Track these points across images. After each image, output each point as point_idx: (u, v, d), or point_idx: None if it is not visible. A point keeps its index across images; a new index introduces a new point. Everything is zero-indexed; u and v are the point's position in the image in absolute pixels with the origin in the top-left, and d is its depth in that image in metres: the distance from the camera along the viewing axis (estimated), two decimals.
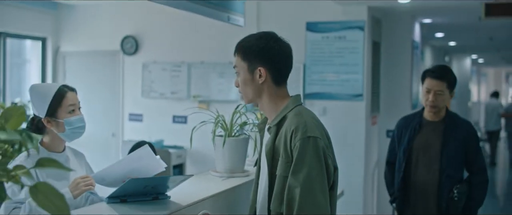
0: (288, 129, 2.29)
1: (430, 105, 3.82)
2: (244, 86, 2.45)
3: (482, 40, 10.78)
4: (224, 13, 3.72)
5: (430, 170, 3.87)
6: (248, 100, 2.49)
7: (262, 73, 2.39)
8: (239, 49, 2.47)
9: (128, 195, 2.36)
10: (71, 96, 2.85)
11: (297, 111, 2.36)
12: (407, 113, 7.62)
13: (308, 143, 2.23)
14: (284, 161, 2.27)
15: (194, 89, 7.60)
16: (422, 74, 3.91)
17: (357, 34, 6.71)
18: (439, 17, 8.27)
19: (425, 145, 3.89)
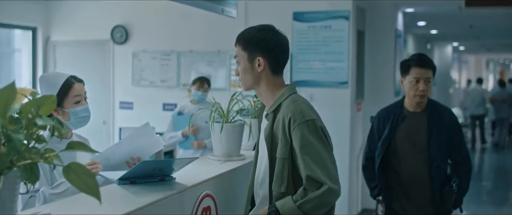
0: (286, 115, 2.50)
1: (420, 95, 3.70)
2: (244, 74, 2.65)
3: (462, 28, 11.05)
4: (218, 5, 3.90)
5: (418, 162, 3.77)
6: (247, 87, 2.69)
7: (261, 63, 2.60)
8: (240, 40, 2.65)
9: (137, 177, 2.54)
10: (78, 87, 3.03)
11: (292, 99, 2.58)
12: (391, 99, 7.90)
13: (307, 125, 2.45)
14: (283, 144, 2.49)
15: (184, 78, 7.78)
16: (403, 64, 3.79)
17: (342, 23, 6.92)
18: (421, 7, 8.51)
19: (409, 136, 3.79)
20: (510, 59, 27.56)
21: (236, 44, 2.68)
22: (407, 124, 3.80)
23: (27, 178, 1.68)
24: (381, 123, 3.89)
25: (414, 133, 3.79)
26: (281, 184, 2.49)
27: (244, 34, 2.66)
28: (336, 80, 6.95)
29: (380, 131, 3.89)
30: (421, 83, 3.68)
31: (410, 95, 3.74)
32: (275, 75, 2.65)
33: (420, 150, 3.76)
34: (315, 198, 2.39)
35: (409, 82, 3.71)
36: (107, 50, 8.27)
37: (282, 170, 2.49)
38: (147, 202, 2.22)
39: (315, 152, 2.44)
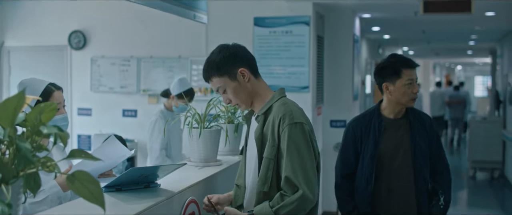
0: (276, 116, 2.55)
1: (413, 98, 3.40)
2: (236, 95, 2.65)
3: (415, 33, 11.32)
4: (190, 11, 3.91)
5: (404, 176, 3.43)
6: (247, 105, 2.71)
7: (245, 73, 2.63)
8: (211, 72, 2.65)
9: (123, 184, 2.53)
10: (57, 95, 3.00)
11: (283, 101, 2.63)
12: (349, 103, 8.05)
13: (296, 128, 2.51)
14: (271, 144, 2.54)
15: (144, 84, 7.73)
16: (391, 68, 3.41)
17: (303, 29, 7.01)
18: (377, 12, 8.68)
19: (393, 147, 3.44)
20: (455, 62, 28.32)
21: (210, 79, 2.67)
22: (389, 133, 3.45)
23: (30, 187, 1.66)
24: (358, 135, 3.48)
25: (398, 143, 3.45)
26: (264, 183, 2.55)
27: (210, 66, 2.65)
28: (298, 84, 7.02)
29: (357, 144, 3.48)
30: (415, 85, 3.40)
31: (403, 101, 3.40)
32: (257, 78, 2.71)
33: (405, 162, 3.43)
34: (291, 204, 2.45)
35: (402, 86, 3.37)
36: (64, 56, 8.14)
37: (266, 170, 2.55)
38: (140, 208, 2.22)
39: (299, 155, 2.49)
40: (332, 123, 8.01)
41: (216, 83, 2.65)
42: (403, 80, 3.37)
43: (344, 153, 3.56)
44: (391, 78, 3.40)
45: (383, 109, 3.50)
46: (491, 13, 8.39)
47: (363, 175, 3.44)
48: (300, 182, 2.45)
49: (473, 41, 13.72)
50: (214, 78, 2.64)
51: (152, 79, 7.72)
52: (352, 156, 3.51)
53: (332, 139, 7.83)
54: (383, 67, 3.46)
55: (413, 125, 3.45)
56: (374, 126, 3.44)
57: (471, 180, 11.44)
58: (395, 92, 3.40)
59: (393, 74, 3.39)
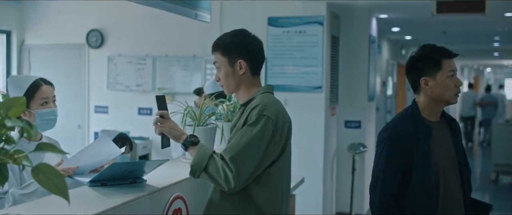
0: (250, 107, 2.63)
1: (458, 92, 2.88)
2: (226, 78, 2.75)
3: (436, 34, 11.20)
4: (192, 10, 3.94)
5: (455, 190, 2.87)
6: (230, 90, 2.81)
7: (242, 66, 2.72)
8: (218, 47, 2.76)
9: (108, 179, 2.57)
10: (46, 89, 3.05)
11: (265, 95, 2.70)
12: (365, 104, 8.01)
13: (260, 119, 2.55)
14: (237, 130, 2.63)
15: (159, 82, 7.80)
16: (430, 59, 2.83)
17: (316, 29, 7.00)
18: (394, 13, 8.63)
19: (444, 157, 2.85)
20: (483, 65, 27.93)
21: (214, 51, 2.78)
22: (436, 140, 2.84)
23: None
24: (407, 143, 2.80)
25: (447, 151, 2.89)
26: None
27: (221, 41, 2.76)
28: (311, 85, 7.01)
29: (407, 154, 2.79)
30: (457, 77, 2.87)
31: (446, 97, 2.84)
32: (254, 76, 2.78)
33: (455, 173, 2.88)
34: (222, 169, 2.50)
35: (445, 79, 2.81)
36: (82, 54, 8.26)
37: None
38: (117, 203, 2.25)
39: (247, 141, 2.52)
40: (346, 123, 7.99)
41: (216, 58, 2.77)
42: (445, 72, 2.81)
43: (392, 166, 2.80)
44: (430, 71, 2.82)
45: (422, 110, 2.88)
46: (511, 14, 8.28)
47: (420, 190, 2.75)
48: (233, 166, 2.49)
49: (497, 43, 13.52)
50: (217, 53, 2.76)
51: (167, 77, 7.79)
52: (401, 170, 2.79)
53: (346, 139, 7.81)
54: (418, 59, 2.88)
55: (451, 127, 2.96)
56: (421, 131, 2.81)
57: (493, 183, 11.29)
58: (436, 88, 2.82)
59: (433, 66, 2.82)
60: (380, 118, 10.90)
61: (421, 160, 2.76)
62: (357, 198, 7.68)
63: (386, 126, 2.93)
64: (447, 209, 2.79)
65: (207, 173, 2.54)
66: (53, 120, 3.07)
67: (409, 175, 2.76)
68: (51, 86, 3.10)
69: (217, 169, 2.51)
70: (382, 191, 2.79)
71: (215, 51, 2.77)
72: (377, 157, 2.89)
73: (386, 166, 2.81)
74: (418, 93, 2.91)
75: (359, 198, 7.90)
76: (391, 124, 2.95)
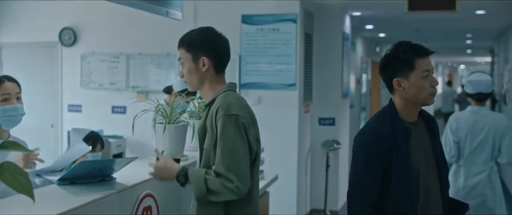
0: (214, 108, 2.63)
1: (434, 92, 2.71)
2: (189, 75, 2.77)
3: (409, 31, 11.30)
4: (163, 8, 3.94)
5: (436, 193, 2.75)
6: (193, 87, 2.82)
7: (205, 62, 2.72)
8: (183, 43, 2.78)
9: (77, 178, 2.56)
10: (8, 86, 3.03)
11: (226, 94, 2.70)
12: (338, 101, 8.06)
13: (230, 119, 2.56)
14: (210, 135, 2.61)
15: (133, 80, 7.77)
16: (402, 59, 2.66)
17: (290, 26, 7.03)
18: (368, 10, 8.68)
19: (423, 160, 2.72)
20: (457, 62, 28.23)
21: (179, 47, 2.81)
22: (415, 142, 2.69)
23: None
24: (383, 148, 2.62)
25: (425, 153, 2.75)
26: None
27: (187, 37, 2.78)
28: (284, 82, 7.04)
29: (385, 158, 2.61)
30: (433, 77, 2.70)
31: (421, 98, 2.68)
32: (217, 74, 2.78)
33: (434, 176, 2.76)
34: (221, 185, 2.49)
35: (418, 80, 2.65)
36: (55, 53, 8.19)
37: (207, 161, 2.62)
38: (85, 201, 2.25)
39: (231, 146, 2.53)
40: (320, 120, 8.03)
41: (180, 54, 2.78)
42: (419, 73, 2.64)
43: (371, 172, 2.63)
44: (403, 71, 2.67)
45: (399, 110, 2.72)
46: (482, 11, 8.39)
47: (401, 196, 2.60)
48: (232, 175, 2.49)
49: (469, 40, 13.68)
50: (181, 49, 2.78)
51: (141, 76, 7.77)
52: (380, 175, 2.62)
53: (320, 136, 7.85)
54: (391, 59, 2.71)
55: (429, 128, 2.81)
56: (400, 134, 2.64)
57: None
58: (410, 89, 2.66)
59: (405, 66, 2.65)
60: (355, 115, 10.97)
61: (400, 164, 2.60)
62: (331, 194, 7.73)
63: (363, 130, 2.75)
64: (427, 212, 2.67)
65: (213, 195, 2.53)
66: (16, 117, 3.04)
67: (388, 180, 2.60)
68: (15, 83, 3.08)
69: (218, 187, 2.50)
70: (361, 198, 2.62)
71: (180, 47, 2.79)
72: (354, 162, 2.71)
73: (365, 172, 2.64)
74: (393, 94, 2.75)
75: (333, 195, 7.95)
76: (368, 127, 2.76)
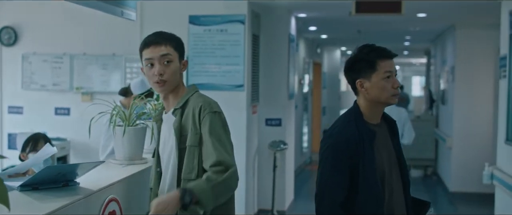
0: (195, 107, 2.69)
1: (396, 93, 2.75)
2: (174, 74, 2.74)
3: (351, 33, 11.49)
4: (118, 8, 3.87)
5: (399, 194, 2.81)
6: (171, 86, 2.77)
7: (185, 65, 2.82)
8: (171, 39, 2.76)
9: (40, 183, 2.49)
10: None
11: (198, 94, 2.80)
12: (285, 102, 8.12)
13: (215, 116, 2.67)
14: (193, 133, 2.66)
15: (77, 81, 7.61)
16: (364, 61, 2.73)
17: (238, 27, 7.02)
18: (313, 12, 8.78)
19: (387, 161, 2.78)
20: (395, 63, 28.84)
21: (166, 43, 2.73)
22: (378, 144, 2.76)
23: None
24: (350, 150, 2.68)
25: (389, 155, 2.81)
26: (191, 171, 2.65)
27: (171, 36, 2.79)
28: (232, 83, 7.03)
29: (353, 160, 2.67)
30: (395, 78, 2.75)
31: (383, 98, 2.74)
32: (181, 76, 2.86)
33: (398, 177, 2.82)
34: (224, 181, 2.57)
35: (380, 80, 2.71)
36: None
37: (192, 157, 2.66)
38: (54, 207, 2.19)
39: (222, 139, 2.65)
40: (267, 121, 8.06)
41: (168, 50, 2.72)
42: (380, 74, 2.71)
43: (339, 174, 2.68)
44: (365, 72, 2.73)
45: (364, 113, 2.78)
46: (423, 14, 8.61)
47: (368, 197, 2.66)
48: (231, 161, 2.62)
49: (408, 42, 14.02)
50: (170, 47, 2.73)
51: (86, 77, 7.61)
52: (348, 176, 2.68)
53: (267, 137, 7.88)
54: (354, 61, 2.78)
55: (391, 130, 2.88)
56: (365, 136, 2.70)
57: None
58: (372, 89, 2.72)
59: (367, 67, 2.72)
60: (298, 115, 11.07)
61: (366, 166, 2.66)
62: (278, 195, 7.77)
63: (330, 132, 2.78)
64: (392, 213, 2.73)
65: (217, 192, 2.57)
66: None
67: (356, 181, 2.66)
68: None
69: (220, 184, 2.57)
70: (330, 200, 2.66)
71: (166, 43, 2.73)
72: (322, 164, 2.74)
73: (333, 174, 2.68)
74: (357, 95, 2.81)
75: (280, 195, 7.99)
76: (334, 129, 2.78)
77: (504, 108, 5.95)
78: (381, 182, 2.70)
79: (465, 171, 9.66)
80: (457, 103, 9.83)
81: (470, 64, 9.70)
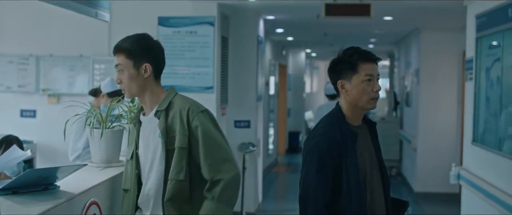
0: (183, 108, 2.73)
1: (376, 97, 2.78)
2: (129, 82, 2.78)
3: (317, 35, 11.56)
4: (92, 8, 3.83)
5: (380, 195, 2.85)
6: (131, 94, 2.84)
7: (148, 69, 2.78)
8: (122, 50, 2.80)
9: (19, 187, 2.44)
10: None
11: (181, 96, 2.83)
12: (254, 104, 8.13)
13: (204, 115, 2.74)
14: (182, 134, 2.70)
15: (43, 83, 7.49)
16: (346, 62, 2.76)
17: (207, 29, 7.02)
18: (281, 14, 8.81)
19: (368, 162, 2.81)
20: None
21: (117, 53, 2.82)
22: (360, 145, 2.79)
23: None
24: (334, 151, 2.71)
25: (370, 156, 2.84)
26: (179, 172, 2.69)
27: (126, 44, 2.81)
28: (202, 85, 7.02)
29: (336, 161, 2.71)
30: (376, 82, 2.78)
31: (361, 101, 2.77)
32: (156, 80, 2.86)
33: (378, 179, 2.86)
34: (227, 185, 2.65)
35: (360, 83, 2.74)
36: None
37: (180, 158, 2.70)
38: (38, 211, 2.16)
39: (218, 138, 2.73)
40: (236, 123, 8.07)
41: (119, 60, 2.78)
42: (361, 76, 2.74)
43: (323, 175, 2.70)
44: (346, 74, 2.76)
45: (346, 114, 2.82)
46: (389, 17, 8.72)
47: (352, 199, 2.69)
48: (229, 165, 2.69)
49: (372, 45, 14.19)
50: (120, 56, 2.78)
51: (52, 78, 7.49)
52: (332, 178, 2.70)
53: (236, 139, 7.87)
54: (338, 62, 2.81)
55: (371, 132, 2.91)
56: (347, 137, 2.74)
57: None
58: (352, 91, 2.76)
59: (349, 69, 2.75)
60: (264, 117, 11.10)
61: (349, 167, 2.69)
62: (247, 197, 7.78)
63: (314, 134, 2.81)
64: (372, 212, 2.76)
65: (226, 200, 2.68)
66: None
67: (339, 183, 2.69)
68: None
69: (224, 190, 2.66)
70: (314, 201, 2.68)
71: (118, 53, 2.80)
72: (305, 166, 2.76)
73: (317, 175, 2.69)
74: (339, 97, 2.85)
75: (250, 197, 8.00)
76: (318, 130, 2.81)
77: (470, 110, 6.06)
78: (363, 183, 2.72)
79: (429, 172, 9.83)
80: (421, 105, 10.00)
81: (434, 66, 9.87)
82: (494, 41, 5.44)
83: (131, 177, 2.87)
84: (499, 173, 5.25)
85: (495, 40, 5.42)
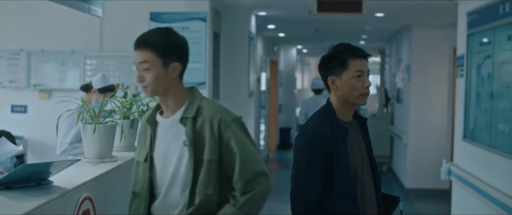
0: (213, 117, 2.53)
1: (366, 93, 2.80)
2: (156, 81, 2.53)
3: (309, 32, 11.59)
4: (85, 4, 3.82)
5: (371, 192, 2.87)
6: (155, 94, 2.60)
7: (177, 69, 2.57)
8: (151, 46, 2.52)
9: (12, 182, 2.44)
10: None
11: (208, 101, 2.65)
12: (245, 100, 8.14)
13: (236, 124, 2.54)
14: (212, 146, 2.52)
15: (34, 78, 7.46)
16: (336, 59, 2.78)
17: (199, 25, 7.01)
18: (273, 10, 8.82)
19: (359, 158, 2.82)
20: None
21: (144, 49, 2.52)
22: (351, 141, 2.80)
23: None
24: (325, 147, 2.73)
25: (361, 152, 2.85)
26: (208, 187, 2.51)
27: (154, 39, 2.54)
28: (194, 81, 7.00)
29: (327, 157, 2.72)
30: (366, 78, 2.80)
31: (351, 97, 2.78)
32: (180, 80, 2.64)
33: (369, 175, 2.87)
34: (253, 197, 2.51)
35: (350, 79, 2.76)
36: None
37: (209, 172, 2.51)
38: (32, 206, 2.15)
39: (251, 149, 2.54)
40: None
41: (146, 57, 2.52)
42: (351, 72, 2.76)
43: (314, 171, 2.72)
44: (337, 70, 2.78)
45: (336, 110, 2.83)
46: (381, 14, 8.75)
47: (343, 194, 2.71)
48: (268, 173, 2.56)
49: (363, 41, 14.23)
50: (149, 52, 2.51)
51: (43, 74, 7.46)
52: (323, 174, 2.72)
53: None
54: (328, 58, 2.84)
55: (362, 128, 2.93)
56: (338, 133, 2.75)
57: None
58: (342, 87, 2.78)
59: (339, 65, 2.77)
60: (255, 113, 11.10)
61: (340, 162, 2.70)
62: None
63: (305, 130, 2.82)
64: (364, 209, 2.77)
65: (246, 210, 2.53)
66: None
67: (330, 178, 2.70)
68: None
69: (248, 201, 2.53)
70: (306, 197, 2.69)
71: (145, 49, 2.51)
72: (296, 162, 2.78)
73: (308, 171, 2.72)
74: (330, 92, 2.87)
75: None
76: (309, 127, 2.82)
77: (461, 106, 6.10)
78: (354, 179, 2.74)
79: (420, 168, 9.88)
80: (413, 102, 10.04)
81: (425, 63, 9.91)
82: (485, 38, 5.47)
83: (143, 180, 2.66)
84: (490, 169, 5.29)
85: (486, 37, 5.45)
